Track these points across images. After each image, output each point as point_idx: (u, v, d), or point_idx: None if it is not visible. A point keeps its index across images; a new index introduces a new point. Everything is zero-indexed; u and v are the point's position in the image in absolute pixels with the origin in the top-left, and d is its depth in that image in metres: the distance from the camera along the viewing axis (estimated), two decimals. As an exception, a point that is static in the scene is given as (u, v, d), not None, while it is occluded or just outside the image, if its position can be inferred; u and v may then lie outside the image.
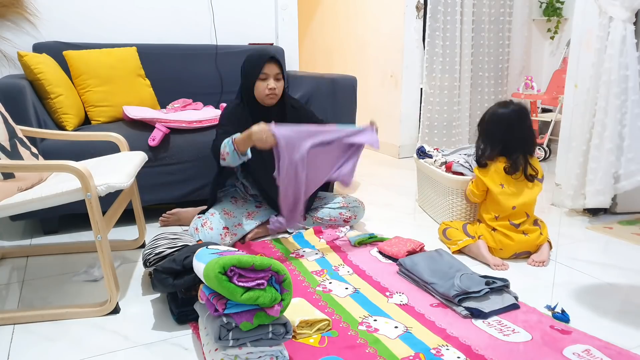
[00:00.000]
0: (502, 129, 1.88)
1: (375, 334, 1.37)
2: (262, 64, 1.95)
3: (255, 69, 1.97)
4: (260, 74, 1.96)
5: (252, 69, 1.98)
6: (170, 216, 2.25)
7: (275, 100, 2.03)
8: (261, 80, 1.97)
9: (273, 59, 1.98)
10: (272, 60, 1.98)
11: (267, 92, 1.98)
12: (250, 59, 2.01)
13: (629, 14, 2.07)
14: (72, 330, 1.42)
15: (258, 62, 1.97)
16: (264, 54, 1.98)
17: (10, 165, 1.50)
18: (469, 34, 3.60)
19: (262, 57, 1.97)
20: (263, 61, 1.96)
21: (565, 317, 1.46)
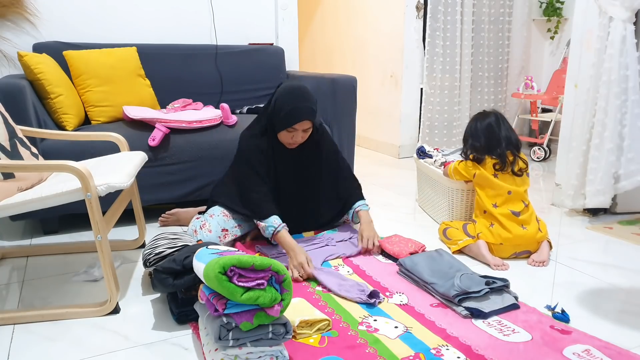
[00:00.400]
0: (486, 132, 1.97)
1: (375, 334, 1.37)
2: (294, 122, 1.84)
3: (285, 121, 1.85)
4: (290, 127, 1.86)
5: (283, 118, 1.85)
6: (170, 216, 2.25)
7: (294, 147, 1.95)
8: (287, 132, 1.88)
9: (307, 118, 1.84)
10: (306, 119, 1.85)
11: (290, 141, 1.91)
12: (285, 108, 1.84)
13: (629, 14, 2.07)
14: (72, 330, 1.42)
15: (291, 118, 1.83)
16: (301, 113, 1.83)
17: (10, 165, 1.50)
18: (469, 34, 3.60)
19: (298, 116, 1.83)
20: (297, 120, 1.83)
21: (565, 317, 1.46)
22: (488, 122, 1.98)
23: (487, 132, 1.97)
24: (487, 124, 1.98)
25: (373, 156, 3.90)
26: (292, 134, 1.89)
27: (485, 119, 1.99)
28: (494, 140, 1.95)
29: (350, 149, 2.71)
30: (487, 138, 1.96)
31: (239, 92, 2.91)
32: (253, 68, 2.93)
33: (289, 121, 1.85)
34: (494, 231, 1.87)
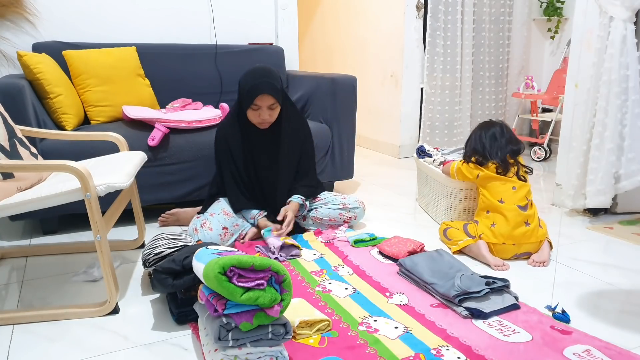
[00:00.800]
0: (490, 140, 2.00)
1: (376, 334, 1.37)
2: (255, 96, 1.90)
3: (248, 98, 1.91)
4: (252, 104, 1.92)
5: (246, 96, 1.92)
6: (170, 216, 2.25)
7: (267, 126, 2.01)
8: (253, 110, 1.94)
9: (265, 92, 1.89)
10: (265, 93, 1.89)
11: (259, 120, 1.96)
12: (246, 85, 1.92)
13: (630, 13, 2.07)
14: (71, 330, 1.42)
15: (251, 94, 1.90)
16: (259, 88, 1.89)
17: (10, 165, 1.49)
18: (469, 33, 3.60)
19: (256, 90, 1.89)
20: (256, 94, 1.89)
21: (566, 317, 1.45)
22: (492, 132, 2.01)
23: (490, 140, 2.00)
24: (492, 133, 2.01)
25: (373, 156, 3.89)
26: (257, 112, 1.94)
27: (490, 128, 2.03)
28: (496, 148, 1.98)
29: (350, 149, 2.71)
30: (490, 145, 1.99)
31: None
32: (253, 68, 2.93)
33: (250, 97, 1.91)
34: (496, 231, 1.87)
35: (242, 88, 1.95)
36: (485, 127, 2.05)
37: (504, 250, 1.87)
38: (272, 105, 1.94)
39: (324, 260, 1.87)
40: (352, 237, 2.05)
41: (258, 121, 1.97)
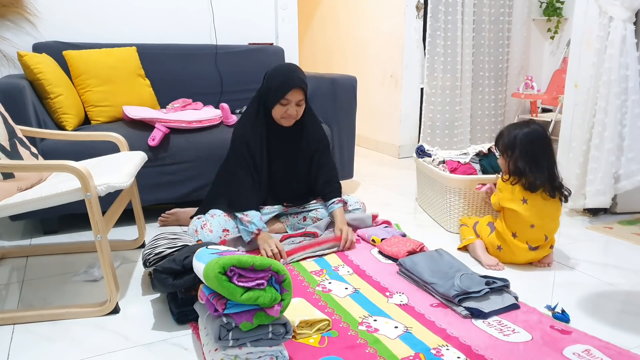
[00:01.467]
0: (545, 149, 1.77)
1: (375, 334, 1.37)
2: (287, 91, 1.89)
3: (278, 92, 1.90)
4: (283, 99, 1.91)
5: (276, 91, 1.90)
6: (170, 216, 2.25)
7: (291, 123, 2.00)
8: (281, 105, 1.93)
9: (298, 85, 1.90)
10: (300, 87, 1.90)
11: (284, 115, 1.95)
12: (276, 80, 1.91)
13: (629, 13, 2.07)
14: (72, 330, 1.42)
15: (283, 88, 1.89)
16: (292, 81, 1.89)
17: (10, 165, 1.50)
18: (469, 33, 3.60)
19: (289, 84, 1.88)
20: (289, 88, 1.89)
21: (565, 317, 1.46)
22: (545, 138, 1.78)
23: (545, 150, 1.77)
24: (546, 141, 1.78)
25: (373, 156, 3.90)
26: (286, 108, 1.93)
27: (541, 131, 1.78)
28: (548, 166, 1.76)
29: (350, 149, 2.71)
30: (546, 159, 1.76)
31: (239, 92, 2.91)
32: (253, 68, 2.93)
33: (281, 92, 1.89)
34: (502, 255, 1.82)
35: (271, 83, 1.92)
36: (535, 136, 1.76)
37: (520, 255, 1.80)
38: (300, 102, 1.95)
39: (324, 260, 1.88)
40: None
41: (284, 116, 1.95)
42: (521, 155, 1.76)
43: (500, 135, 1.87)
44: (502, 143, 1.84)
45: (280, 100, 1.91)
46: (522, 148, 1.77)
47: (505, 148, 1.82)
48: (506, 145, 1.82)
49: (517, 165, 1.77)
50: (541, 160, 1.76)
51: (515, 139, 1.79)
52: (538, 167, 1.75)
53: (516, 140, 1.78)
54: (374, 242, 2.00)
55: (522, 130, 1.79)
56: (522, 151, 1.76)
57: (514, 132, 1.80)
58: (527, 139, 1.77)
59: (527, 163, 1.75)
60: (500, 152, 1.86)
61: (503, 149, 1.84)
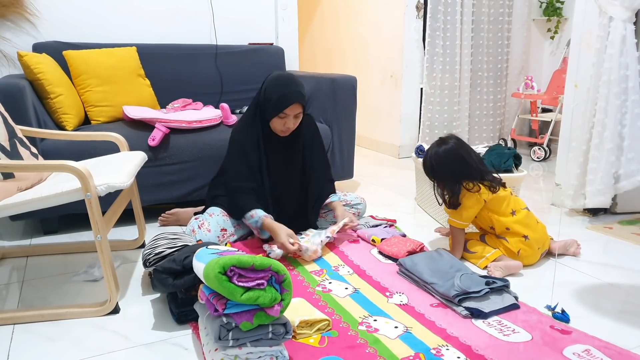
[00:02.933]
0: (458, 162, 1.82)
1: (375, 334, 1.37)
2: (286, 106, 1.87)
3: (277, 106, 1.88)
4: (281, 113, 1.89)
5: (275, 105, 1.88)
6: (170, 216, 2.25)
7: (287, 134, 1.99)
8: (280, 119, 1.91)
9: (297, 101, 1.88)
10: (296, 103, 1.88)
11: (283, 128, 1.94)
12: (275, 94, 1.88)
13: (629, 13, 2.07)
14: (72, 330, 1.42)
15: (282, 103, 1.87)
16: (291, 97, 1.86)
17: (10, 165, 1.50)
18: (469, 33, 3.60)
19: (288, 99, 1.86)
20: (288, 104, 1.87)
21: (565, 317, 1.46)
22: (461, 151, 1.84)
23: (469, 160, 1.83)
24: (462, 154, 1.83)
25: (373, 156, 3.90)
26: (284, 120, 1.92)
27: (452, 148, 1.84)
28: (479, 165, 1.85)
29: (350, 149, 2.71)
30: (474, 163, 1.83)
31: (239, 92, 2.91)
32: (253, 68, 2.93)
33: (280, 106, 1.88)
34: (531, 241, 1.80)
35: (269, 96, 1.89)
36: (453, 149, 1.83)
37: (535, 255, 1.83)
38: (298, 114, 1.93)
39: (324, 260, 1.88)
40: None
41: (282, 129, 1.94)
42: (442, 176, 1.86)
43: (423, 164, 1.91)
44: (426, 171, 1.91)
45: (278, 114, 1.90)
46: (440, 170, 1.85)
47: (430, 175, 1.90)
48: (429, 171, 1.89)
49: (440, 186, 1.88)
50: (458, 174, 1.82)
51: (433, 164, 1.86)
52: (458, 179, 1.82)
53: (434, 167, 1.86)
54: (374, 242, 2.00)
55: (433, 150, 1.86)
56: (441, 173, 1.86)
57: (429, 156, 1.87)
58: (440, 157, 1.84)
59: (448, 182, 1.84)
60: (430, 179, 1.92)
61: (429, 176, 1.91)
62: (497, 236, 1.87)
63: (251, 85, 2.94)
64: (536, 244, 1.82)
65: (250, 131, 2.00)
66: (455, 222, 1.87)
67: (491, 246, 1.85)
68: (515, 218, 1.83)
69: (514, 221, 1.82)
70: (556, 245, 1.90)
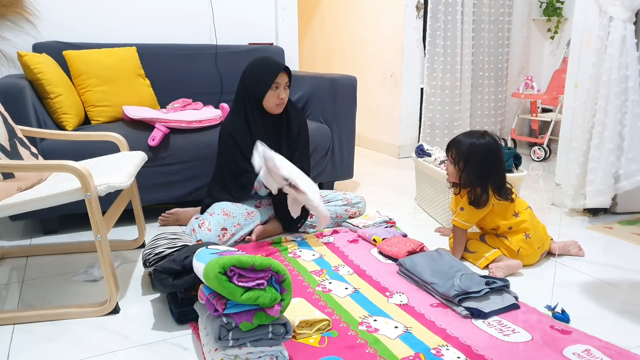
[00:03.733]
0: (498, 161, 1.79)
1: (375, 334, 1.37)
2: (276, 74, 1.97)
3: (268, 78, 1.98)
4: (273, 83, 1.98)
5: (265, 78, 1.98)
6: (170, 216, 2.25)
7: (282, 109, 2.07)
8: (273, 90, 2.00)
9: (283, 69, 1.99)
10: (286, 69, 2.00)
11: (278, 101, 2.02)
12: (262, 68, 2.01)
13: (629, 13, 2.07)
14: (72, 330, 1.42)
15: (272, 72, 1.98)
16: (278, 65, 1.99)
17: (10, 165, 1.50)
18: (469, 33, 3.60)
19: (276, 68, 1.98)
20: (277, 71, 1.98)
21: (565, 317, 1.46)
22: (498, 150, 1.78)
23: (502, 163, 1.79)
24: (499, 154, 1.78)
25: (373, 156, 3.90)
26: (277, 92, 2.00)
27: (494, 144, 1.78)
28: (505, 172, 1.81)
29: (350, 149, 2.71)
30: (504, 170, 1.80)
31: (239, 92, 2.91)
32: (253, 68, 2.93)
33: (269, 78, 1.97)
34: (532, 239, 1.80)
35: (255, 77, 2.00)
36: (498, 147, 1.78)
37: (535, 254, 1.83)
38: (287, 84, 2.03)
39: (323, 260, 1.88)
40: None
41: (277, 102, 2.02)
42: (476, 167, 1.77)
43: (455, 143, 1.82)
44: (456, 152, 1.80)
45: (271, 85, 1.97)
46: (477, 160, 1.76)
47: (459, 158, 1.79)
48: (461, 154, 1.79)
49: (469, 178, 1.78)
50: (492, 175, 1.77)
51: (471, 150, 1.76)
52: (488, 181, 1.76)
53: (472, 152, 1.76)
54: (375, 242, 2.00)
55: (479, 141, 1.77)
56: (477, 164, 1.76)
57: (470, 142, 1.77)
58: (483, 151, 1.76)
59: (479, 177, 1.77)
60: (453, 160, 1.82)
61: (457, 158, 1.80)
62: (497, 235, 1.87)
63: (251, 85, 2.94)
64: (536, 243, 1.81)
65: (238, 120, 2.06)
66: (460, 222, 1.85)
67: (491, 246, 1.85)
68: (519, 219, 1.82)
69: (517, 222, 1.82)
70: (556, 246, 1.90)
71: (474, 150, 1.76)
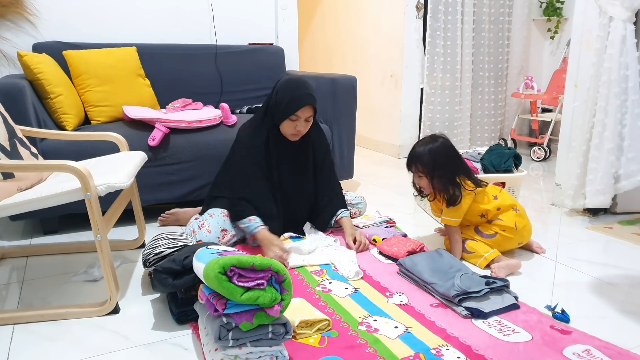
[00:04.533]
0: (457, 157, 1.88)
1: (375, 334, 1.37)
2: (298, 108, 1.87)
3: (288, 109, 1.88)
4: (293, 115, 1.88)
5: (286, 107, 1.88)
6: (169, 216, 2.25)
7: (297, 138, 1.98)
8: (291, 121, 1.90)
9: (309, 103, 1.88)
10: (311, 104, 1.89)
11: (293, 132, 1.93)
12: (287, 96, 1.88)
13: (629, 13, 2.07)
14: (72, 330, 1.42)
15: (294, 105, 1.87)
16: (303, 99, 1.87)
17: (10, 165, 1.50)
18: (469, 33, 3.61)
19: (300, 101, 1.86)
20: (299, 106, 1.87)
21: (565, 317, 1.46)
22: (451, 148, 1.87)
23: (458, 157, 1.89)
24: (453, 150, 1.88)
25: (373, 156, 3.90)
26: (295, 123, 1.91)
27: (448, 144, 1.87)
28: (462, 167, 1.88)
29: (350, 149, 2.71)
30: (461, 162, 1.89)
31: (239, 92, 2.91)
32: (253, 68, 2.93)
33: (291, 108, 1.88)
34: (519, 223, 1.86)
35: (281, 99, 1.89)
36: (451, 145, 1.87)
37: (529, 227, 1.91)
38: (309, 118, 1.93)
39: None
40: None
41: (293, 132, 1.93)
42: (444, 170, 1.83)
43: (415, 157, 1.86)
44: (421, 165, 1.85)
45: (289, 116, 1.89)
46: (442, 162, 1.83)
47: (427, 168, 1.84)
48: (427, 164, 1.83)
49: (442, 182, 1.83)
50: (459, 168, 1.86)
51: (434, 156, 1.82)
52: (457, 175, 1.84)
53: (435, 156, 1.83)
54: (375, 242, 2.00)
55: (435, 145, 1.84)
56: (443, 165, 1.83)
57: (429, 149, 1.83)
58: (444, 152, 1.84)
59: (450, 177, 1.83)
60: (422, 174, 1.86)
61: (425, 170, 1.85)
62: (489, 222, 1.90)
63: (251, 85, 2.94)
64: (524, 214, 1.89)
65: (258, 134, 1.97)
66: (450, 220, 1.88)
67: (488, 234, 1.86)
68: (500, 199, 1.89)
69: (500, 202, 1.88)
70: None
71: (436, 155, 1.83)
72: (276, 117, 1.93)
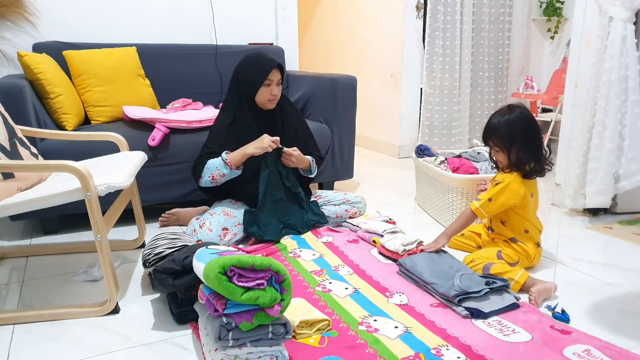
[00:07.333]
0: (537, 130, 1.72)
1: (375, 334, 1.37)
2: (269, 71, 1.97)
3: (261, 75, 1.98)
4: (266, 80, 1.98)
5: (258, 74, 1.98)
6: (170, 216, 2.25)
7: (274, 105, 2.07)
8: (265, 86, 2.00)
9: (276, 66, 1.99)
10: (278, 66, 2.00)
11: (270, 97, 2.02)
12: (255, 64, 2.01)
13: (629, 13, 2.07)
14: (72, 330, 1.42)
15: (265, 69, 1.98)
16: (271, 61, 1.99)
17: (10, 165, 1.50)
18: (469, 33, 3.60)
19: (269, 64, 1.98)
20: (270, 68, 1.97)
21: (565, 317, 1.46)
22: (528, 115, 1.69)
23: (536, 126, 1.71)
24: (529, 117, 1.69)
25: (373, 156, 3.90)
26: (269, 88, 2.00)
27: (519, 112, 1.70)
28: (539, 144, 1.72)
29: (350, 149, 2.71)
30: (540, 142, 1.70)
31: (239, 92, 2.91)
32: (253, 68, 2.93)
33: (262, 75, 1.97)
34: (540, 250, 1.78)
35: (248, 72, 2.01)
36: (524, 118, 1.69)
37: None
38: (279, 81, 2.03)
39: (323, 260, 1.88)
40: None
41: (270, 98, 2.02)
42: (524, 144, 1.69)
43: (491, 130, 1.74)
44: (497, 138, 1.73)
45: (263, 82, 1.97)
46: (522, 136, 1.69)
47: (504, 141, 1.71)
48: (503, 137, 1.71)
49: (519, 156, 1.70)
50: (538, 144, 1.71)
51: (510, 127, 1.69)
52: (536, 152, 1.70)
53: (512, 128, 1.69)
54: (374, 242, 2.00)
55: (512, 116, 1.70)
56: (523, 139, 1.69)
57: (505, 120, 1.70)
58: (523, 125, 1.69)
59: (530, 151, 1.69)
60: (498, 147, 1.74)
61: (502, 143, 1.72)
62: (511, 240, 1.78)
63: (251, 85, 2.93)
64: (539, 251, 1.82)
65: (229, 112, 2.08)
66: (481, 211, 1.75)
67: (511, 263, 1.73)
68: (536, 222, 1.78)
69: (533, 226, 1.77)
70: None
71: (513, 126, 1.69)
72: (249, 90, 2.01)
